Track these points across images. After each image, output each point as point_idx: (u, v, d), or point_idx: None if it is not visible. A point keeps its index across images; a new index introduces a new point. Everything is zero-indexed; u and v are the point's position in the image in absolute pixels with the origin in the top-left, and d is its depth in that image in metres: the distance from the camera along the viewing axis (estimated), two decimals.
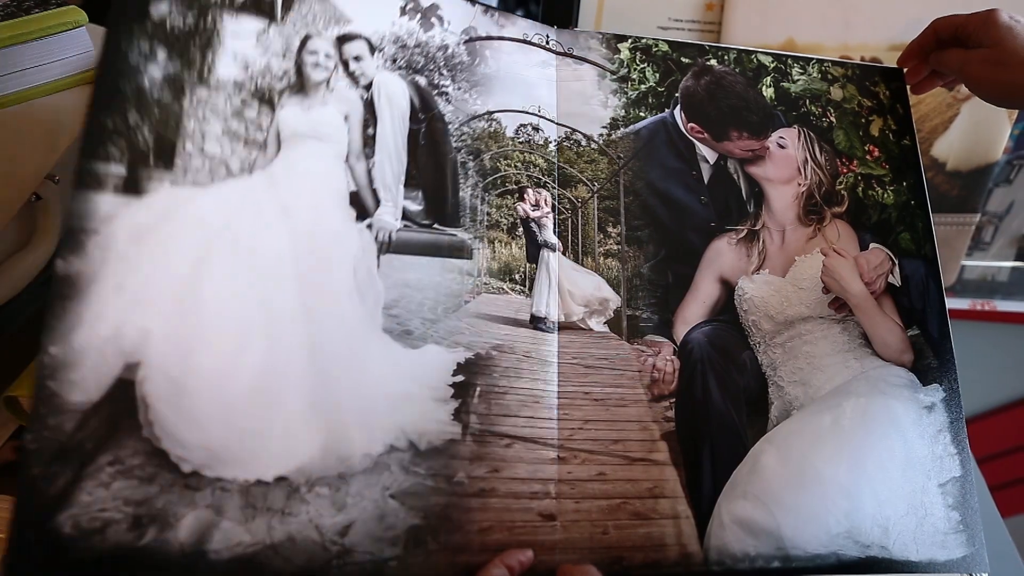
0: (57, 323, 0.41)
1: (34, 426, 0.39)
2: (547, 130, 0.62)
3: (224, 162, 0.49)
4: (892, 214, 0.64)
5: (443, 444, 0.49)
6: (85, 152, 0.45)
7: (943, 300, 0.60)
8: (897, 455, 0.54)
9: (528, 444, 0.52)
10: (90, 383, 0.41)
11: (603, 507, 0.51)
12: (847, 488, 0.52)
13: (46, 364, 0.40)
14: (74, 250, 0.43)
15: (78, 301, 0.42)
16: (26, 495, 0.38)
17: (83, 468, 0.39)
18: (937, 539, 0.53)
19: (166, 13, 0.50)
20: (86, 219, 0.44)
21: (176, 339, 0.43)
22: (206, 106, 0.49)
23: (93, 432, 0.40)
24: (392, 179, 0.54)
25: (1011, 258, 0.91)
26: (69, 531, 0.38)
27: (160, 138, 0.48)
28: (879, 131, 0.66)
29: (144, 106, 0.48)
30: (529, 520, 0.49)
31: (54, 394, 0.40)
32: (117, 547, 0.39)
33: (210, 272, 0.45)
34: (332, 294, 0.49)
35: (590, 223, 0.62)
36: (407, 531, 0.46)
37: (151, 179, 0.46)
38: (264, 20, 0.53)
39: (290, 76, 0.52)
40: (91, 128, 0.46)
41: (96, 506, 0.39)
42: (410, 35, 0.57)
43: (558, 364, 0.55)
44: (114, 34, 0.48)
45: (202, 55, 0.50)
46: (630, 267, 0.60)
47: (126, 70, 0.48)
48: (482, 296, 0.56)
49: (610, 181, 0.62)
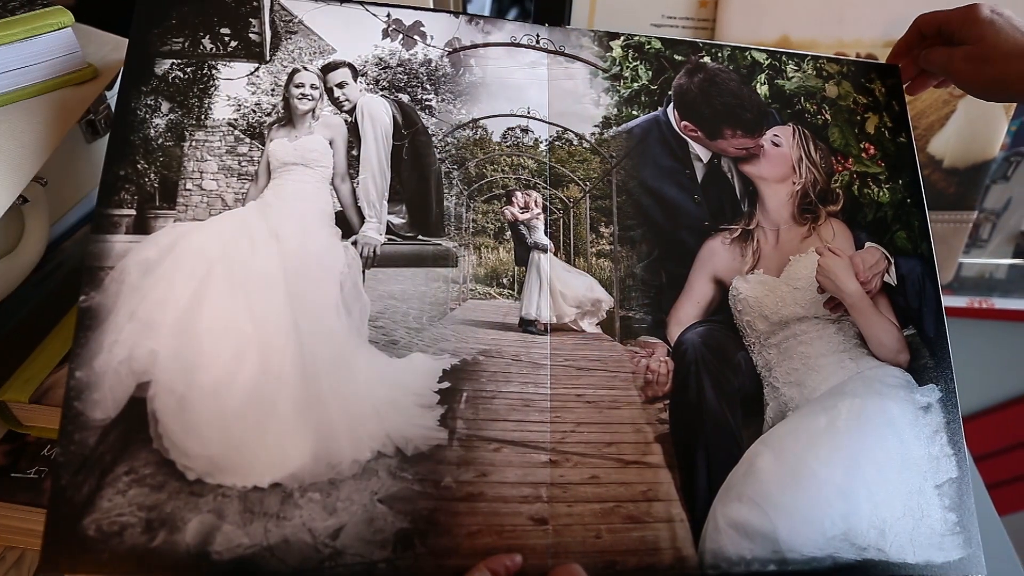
0: (82, 350, 0.47)
1: (62, 442, 0.45)
2: (537, 130, 0.62)
3: (220, 196, 0.54)
4: (888, 212, 0.62)
5: (429, 449, 0.51)
6: (101, 201, 0.51)
7: (939, 299, 0.58)
8: (893, 456, 0.51)
9: (518, 448, 0.52)
10: (108, 402, 0.47)
11: (596, 511, 0.51)
12: (843, 490, 0.50)
13: (72, 387, 0.46)
14: (94, 286, 0.49)
15: (99, 330, 0.48)
16: (56, 503, 0.44)
17: (103, 477, 0.45)
18: (934, 541, 0.51)
19: (168, 68, 0.55)
20: (103, 259, 0.50)
21: (179, 358, 0.48)
22: (203, 147, 0.54)
23: (111, 445, 0.46)
24: (376, 196, 0.56)
25: (1009, 255, 0.90)
26: (93, 534, 0.44)
27: (164, 180, 0.53)
28: (875, 128, 0.65)
29: (150, 153, 0.53)
30: (519, 524, 0.50)
31: (79, 413, 0.46)
32: (133, 548, 0.44)
33: (208, 296, 0.50)
34: (320, 310, 0.52)
35: (582, 223, 0.61)
36: (395, 534, 0.48)
37: (157, 218, 0.52)
38: (254, 62, 0.57)
39: (279, 110, 0.56)
40: (106, 179, 0.52)
41: (115, 511, 0.45)
42: (392, 55, 0.60)
43: (550, 367, 0.55)
44: (124, 93, 0.54)
45: (199, 101, 0.55)
46: (623, 267, 0.59)
47: (135, 123, 0.54)
48: (468, 303, 0.57)
49: (602, 180, 0.61)
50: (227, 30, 0.57)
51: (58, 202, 0.65)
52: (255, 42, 0.58)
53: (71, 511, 0.44)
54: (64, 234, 0.70)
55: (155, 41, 0.56)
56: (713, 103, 0.62)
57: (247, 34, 0.58)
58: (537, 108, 0.62)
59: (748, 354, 0.56)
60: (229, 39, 0.57)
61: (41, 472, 0.56)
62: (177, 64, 0.55)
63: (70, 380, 0.47)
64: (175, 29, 0.56)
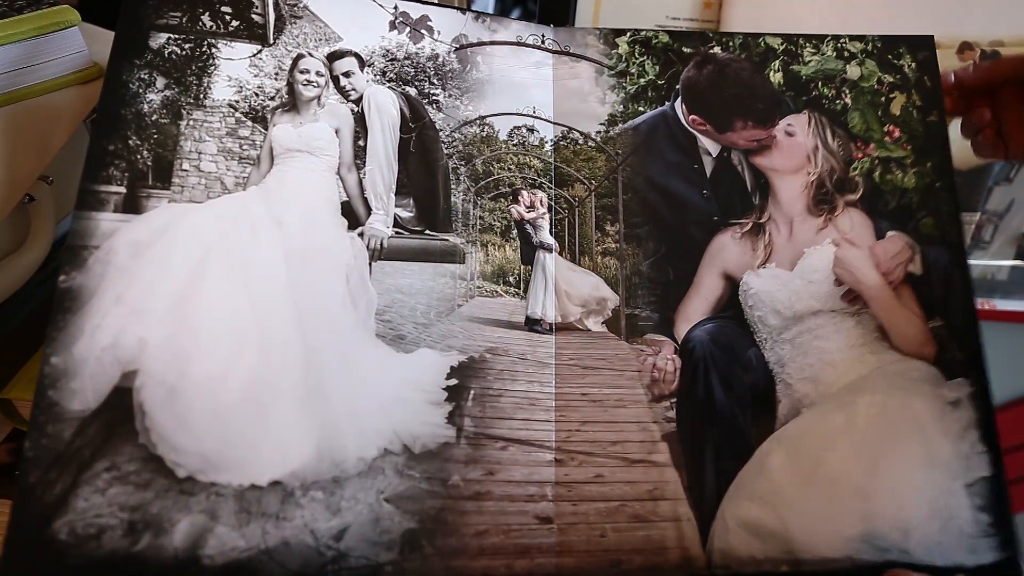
0: (59, 334, 0.43)
1: (32, 434, 0.41)
2: (543, 130, 0.61)
3: (219, 179, 0.51)
4: (913, 198, 0.59)
5: (437, 447, 0.49)
6: (87, 175, 0.48)
7: (970, 289, 0.55)
8: (917, 454, 0.50)
9: (524, 447, 0.51)
10: (89, 391, 0.43)
11: (601, 509, 0.50)
12: (863, 489, 0.49)
13: (47, 374, 0.42)
14: (76, 265, 0.45)
15: (79, 313, 0.44)
16: (22, 503, 0.40)
17: (80, 474, 0.41)
18: (964, 543, 0.49)
19: (164, 43, 0.53)
20: (88, 237, 0.46)
21: (172, 347, 0.45)
22: (202, 127, 0.51)
23: (91, 439, 0.42)
24: (383, 188, 0.54)
25: (1011, 257, 0.89)
26: (65, 538, 0.40)
27: (159, 158, 0.50)
28: (901, 109, 0.62)
29: (143, 129, 0.50)
30: (525, 523, 0.49)
31: (54, 403, 0.42)
32: (112, 553, 0.40)
33: (205, 283, 0.47)
34: (325, 301, 0.49)
35: (587, 222, 0.61)
36: (402, 535, 0.46)
37: (150, 197, 0.49)
38: (257, 44, 0.55)
39: (282, 95, 0.54)
40: (93, 152, 0.48)
41: (92, 512, 0.41)
42: (399, 48, 0.58)
43: (555, 365, 0.54)
44: (116, 65, 0.51)
45: (198, 80, 0.53)
46: (628, 265, 0.59)
47: (127, 97, 0.50)
48: (475, 300, 0.56)
49: (608, 178, 0.61)
50: (228, 8, 0.55)
51: (64, 201, 0.62)
52: (258, 23, 0.55)
53: (40, 512, 0.40)
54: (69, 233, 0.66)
55: (150, 13, 0.53)
56: (723, 95, 0.61)
57: (249, 15, 0.55)
58: (542, 108, 0.62)
59: (759, 350, 0.55)
60: (230, 18, 0.55)
61: None
62: (174, 39, 0.53)
63: (44, 367, 0.42)
64: (172, 2, 0.54)
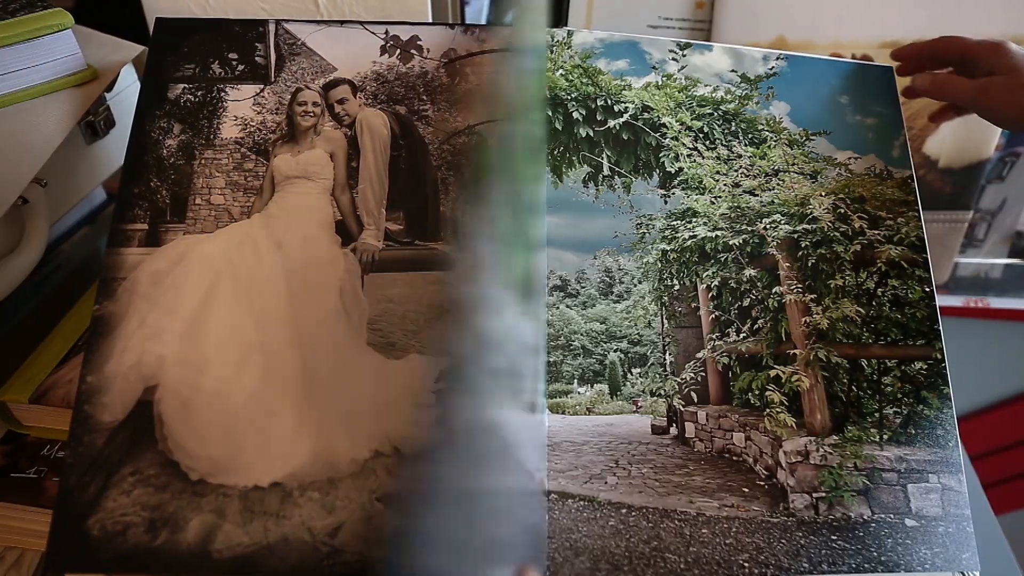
0: (93, 356, 0.50)
1: (71, 444, 0.47)
2: None
3: (227, 209, 0.56)
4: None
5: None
6: (116, 216, 0.54)
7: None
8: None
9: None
10: (117, 405, 0.49)
11: None
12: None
13: (83, 391, 0.49)
14: (107, 295, 0.52)
15: (110, 338, 0.50)
16: (62, 504, 0.46)
17: (110, 478, 0.47)
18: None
19: (180, 92, 0.59)
20: (117, 271, 0.53)
21: (186, 363, 0.50)
22: (212, 164, 0.57)
23: (119, 447, 0.48)
24: (375, 204, 0.57)
25: (1004, 255, 0.89)
26: (97, 534, 0.45)
27: (175, 196, 0.56)
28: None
29: (163, 172, 0.57)
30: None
31: (88, 416, 0.48)
32: (136, 547, 0.45)
33: (215, 304, 0.52)
34: (320, 315, 0.53)
35: None
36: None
37: (168, 231, 0.55)
38: (260, 84, 0.60)
39: (282, 127, 0.59)
40: (122, 197, 0.55)
41: (119, 511, 0.46)
42: (390, 70, 0.62)
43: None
44: (140, 117, 0.58)
45: (209, 122, 0.59)
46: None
47: (148, 144, 0.57)
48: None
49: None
50: (235, 55, 0.61)
51: (58, 203, 0.64)
52: (261, 65, 0.61)
53: (77, 511, 0.46)
54: (64, 235, 0.70)
55: (169, 68, 0.60)
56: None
57: (253, 58, 0.61)
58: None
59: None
60: (236, 63, 0.61)
61: (40, 472, 0.56)
62: (188, 88, 0.59)
63: (81, 385, 0.49)
64: (187, 56, 0.60)
